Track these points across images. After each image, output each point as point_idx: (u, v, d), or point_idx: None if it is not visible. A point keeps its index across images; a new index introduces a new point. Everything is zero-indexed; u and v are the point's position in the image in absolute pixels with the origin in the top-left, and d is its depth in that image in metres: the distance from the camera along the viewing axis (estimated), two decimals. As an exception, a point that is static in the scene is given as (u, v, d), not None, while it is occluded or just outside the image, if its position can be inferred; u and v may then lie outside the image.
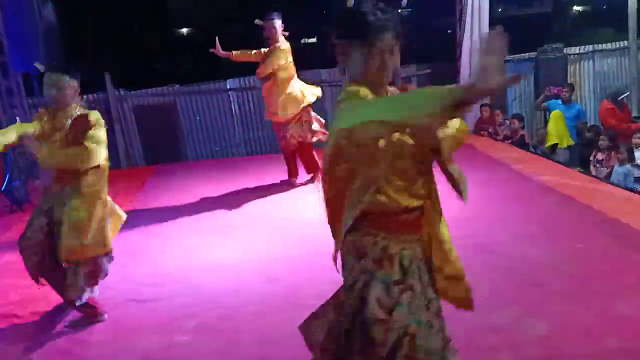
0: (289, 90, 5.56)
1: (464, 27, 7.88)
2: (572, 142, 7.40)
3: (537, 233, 4.14)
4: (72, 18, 10.96)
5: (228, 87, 8.88)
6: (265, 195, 5.71)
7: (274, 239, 4.48)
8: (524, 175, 5.73)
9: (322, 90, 6.11)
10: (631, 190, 5.13)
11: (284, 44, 5.58)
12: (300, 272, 3.82)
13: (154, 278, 3.86)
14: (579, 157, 7.44)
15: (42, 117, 3.11)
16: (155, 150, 8.65)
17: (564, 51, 8.96)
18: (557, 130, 7.38)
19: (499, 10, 14.58)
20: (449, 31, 9.35)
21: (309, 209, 5.15)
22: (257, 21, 5.67)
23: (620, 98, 7.34)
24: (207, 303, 3.46)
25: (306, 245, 4.26)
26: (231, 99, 8.84)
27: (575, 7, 19.69)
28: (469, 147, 7.11)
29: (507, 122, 7.60)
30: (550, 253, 3.75)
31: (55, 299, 3.44)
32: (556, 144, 7.33)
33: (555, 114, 7.43)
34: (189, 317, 3.28)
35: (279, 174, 6.17)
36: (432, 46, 9.69)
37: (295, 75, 5.69)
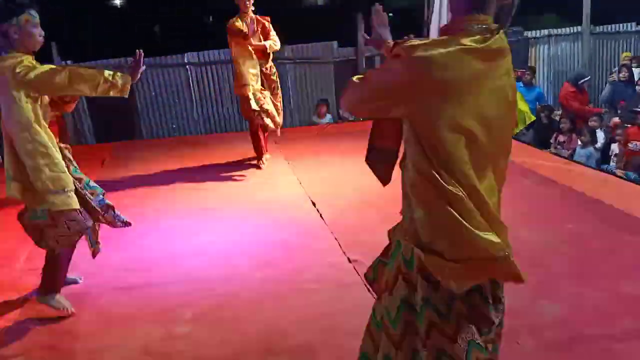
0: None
1: (432, 8, 7.80)
2: (533, 118, 7.50)
3: (527, 214, 4.15)
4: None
5: (186, 61, 8.43)
6: (236, 175, 5.46)
7: (259, 221, 4.27)
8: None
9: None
10: (606, 172, 5.27)
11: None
12: (295, 256, 3.65)
13: (139, 263, 3.57)
14: (538, 139, 7.62)
15: None
16: (107, 127, 8.12)
17: (525, 34, 9.13)
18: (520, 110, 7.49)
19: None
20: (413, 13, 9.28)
21: (287, 189, 4.98)
22: None
23: (581, 82, 7.54)
24: (201, 291, 3.22)
25: (296, 229, 4.09)
26: (189, 74, 8.41)
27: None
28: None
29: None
30: (545, 234, 3.76)
31: (26, 285, 3.10)
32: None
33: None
34: (184, 306, 3.04)
35: (244, 152, 5.95)
36: (397, 27, 9.61)
37: None
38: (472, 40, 1.44)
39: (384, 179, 1.79)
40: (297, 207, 4.53)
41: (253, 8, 5.34)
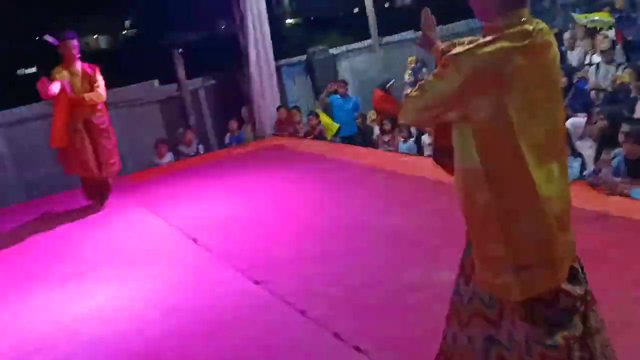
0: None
1: (248, 36, 8.17)
2: (337, 126, 8.22)
3: (390, 205, 4.67)
4: None
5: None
6: (98, 231, 5.10)
7: (146, 272, 4.06)
8: (343, 161, 6.31)
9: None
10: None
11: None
12: (199, 294, 3.59)
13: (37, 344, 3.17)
14: (363, 141, 8.45)
15: None
16: None
17: (330, 52, 10.04)
18: (326, 122, 8.23)
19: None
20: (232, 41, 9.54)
21: (158, 233, 4.84)
22: (48, 37, 5.06)
23: (387, 86, 8.55)
24: (120, 351, 3.01)
25: (186, 269, 4.03)
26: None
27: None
28: (282, 148, 7.49)
29: (305, 119, 8.19)
30: (414, 219, 4.27)
31: None
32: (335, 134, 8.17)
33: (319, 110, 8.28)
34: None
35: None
36: (215, 57, 9.80)
37: None
38: (513, 39, 1.53)
39: (452, 171, 1.83)
40: (178, 248, 4.43)
41: (79, 56, 5.11)
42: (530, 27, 1.57)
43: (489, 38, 1.57)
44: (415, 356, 2.62)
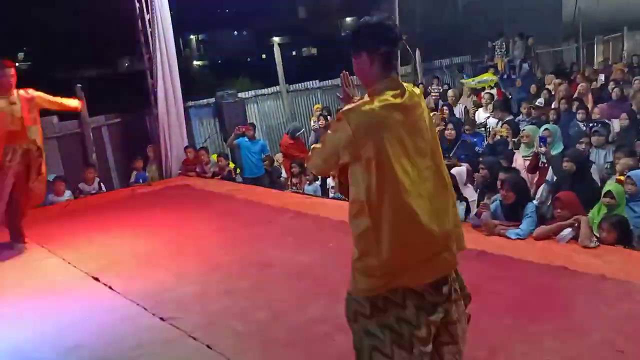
0: None
1: (156, 75, 8.21)
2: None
3: (296, 242, 4.89)
4: None
5: None
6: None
7: (46, 313, 3.89)
8: (252, 201, 6.48)
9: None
10: (335, 199, 6.44)
11: None
12: (105, 332, 3.53)
13: None
14: (270, 183, 8.68)
15: None
16: None
17: (239, 95, 10.30)
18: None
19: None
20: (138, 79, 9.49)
21: (60, 273, 4.67)
22: None
23: (297, 134, 8.92)
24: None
25: (90, 307, 3.93)
26: None
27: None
28: (188, 188, 7.50)
29: (213, 160, 8.29)
30: (318, 256, 4.50)
31: None
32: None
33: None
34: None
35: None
36: (122, 96, 9.67)
37: None
38: (390, 97, 2.01)
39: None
40: (78, 287, 4.30)
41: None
42: (398, 91, 2.05)
43: (368, 99, 2.05)
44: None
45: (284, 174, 8.88)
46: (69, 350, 3.33)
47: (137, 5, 7.99)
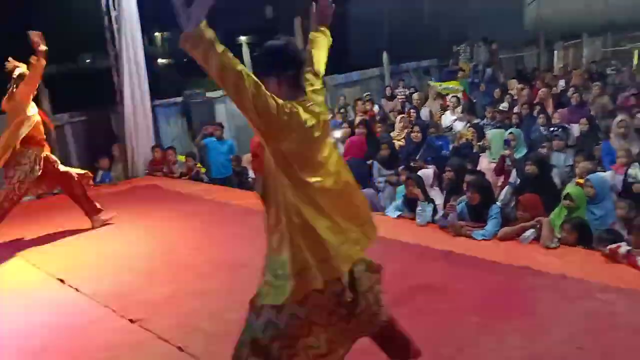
0: None
1: (123, 73, 8.07)
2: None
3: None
4: None
5: None
6: None
7: (6, 313, 3.81)
8: (220, 202, 6.44)
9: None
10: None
11: None
12: (73, 334, 3.48)
13: None
14: (238, 183, 8.64)
15: None
16: None
17: (207, 95, 10.20)
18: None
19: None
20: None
21: (22, 274, 4.56)
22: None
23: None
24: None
25: (57, 309, 3.86)
26: None
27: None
28: (156, 188, 7.41)
29: (180, 161, 8.20)
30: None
31: None
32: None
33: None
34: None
35: None
36: (86, 93, 9.44)
37: None
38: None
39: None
40: (42, 288, 4.21)
41: None
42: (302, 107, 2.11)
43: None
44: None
45: (251, 175, 8.85)
46: (36, 352, 3.26)
47: (104, 1, 7.84)
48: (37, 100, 8.21)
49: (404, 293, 3.70)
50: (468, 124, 7.21)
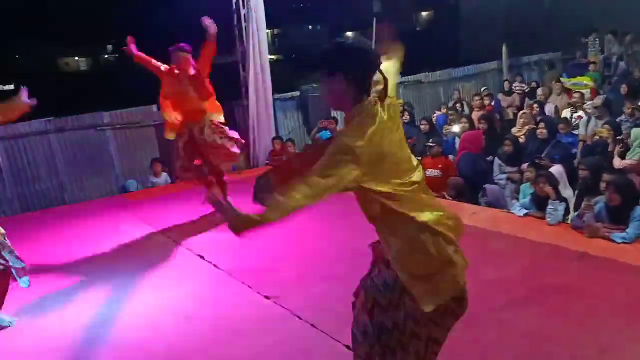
0: None
1: (249, 68, 8.54)
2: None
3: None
4: None
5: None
6: (95, 244, 5.23)
7: (159, 286, 4.23)
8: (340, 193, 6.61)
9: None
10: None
11: None
12: (214, 304, 3.80)
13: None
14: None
15: None
16: None
17: (323, 90, 10.48)
18: None
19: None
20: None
21: (166, 251, 5.01)
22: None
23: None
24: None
25: (199, 282, 4.22)
26: (-3, 150, 7.59)
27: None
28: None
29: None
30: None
31: None
32: None
33: None
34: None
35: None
36: (214, 87, 10.08)
37: None
38: (370, 122, 1.92)
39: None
40: (186, 264, 4.62)
41: None
42: (376, 110, 1.96)
43: (358, 128, 1.93)
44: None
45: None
46: (183, 318, 3.61)
47: (235, 1, 8.35)
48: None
49: (536, 292, 3.61)
50: (603, 122, 6.73)
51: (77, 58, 39.41)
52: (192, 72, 5.43)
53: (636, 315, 3.22)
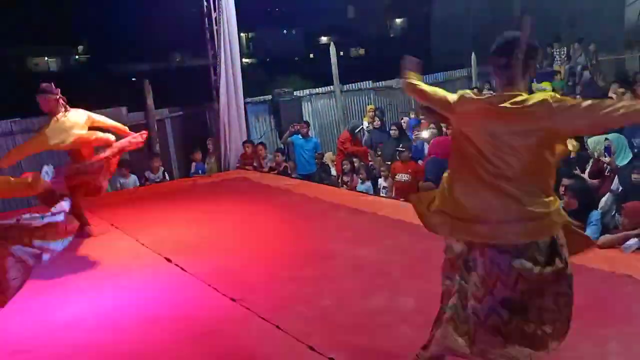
0: None
1: (220, 71, 8.53)
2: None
3: (354, 237, 5.03)
4: None
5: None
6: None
7: (120, 288, 4.19)
8: (307, 196, 6.66)
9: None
10: (395, 198, 6.55)
11: None
12: (178, 305, 3.79)
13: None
14: (319, 180, 8.81)
15: None
16: None
17: (295, 94, 10.53)
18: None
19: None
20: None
21: (132, 252, 4.98)
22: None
23: (357, 131, 9.05)
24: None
25: (162, 285, 4.22)
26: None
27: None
28: (246, 180, 7.77)
29: (270, 155, 8.54)
30: (377, 251, 4.62)
31: None
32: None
33: None
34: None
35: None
36: (183, 89, 10.06)
37: None
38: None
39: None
40: (152, 266, 4.59)
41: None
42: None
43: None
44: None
45: (333, 172, 9.03)
46: (148, 320, 3.59)
47: (205, 3, 8.33)
48: (141, 96, 8.92)
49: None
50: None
51: (46, 58, 38.65)
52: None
53: (590, 317, 3.30)
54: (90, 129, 5.29)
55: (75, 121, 5.14)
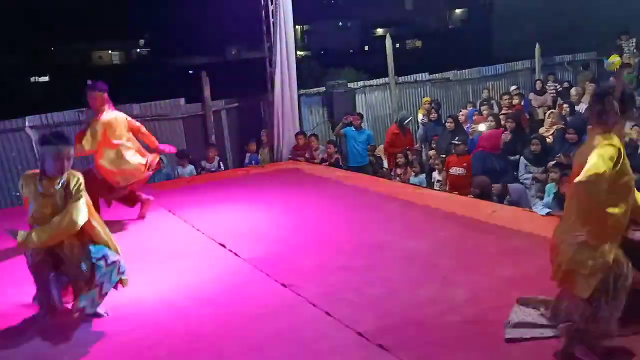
0: None
1: (275, 64, 8.65)
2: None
3: (406, 229, 5.01)
4: None
5: (27, 125, 7.92)
6: (121, 230, 5.40)
7: (177, 271, 4.35)
8: (359, 187, 6.68)
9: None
10: (449, 192, 6.46)
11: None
12: (232, 291, 3.91)
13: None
14: (373, 173, 8.79)
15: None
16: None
17: (349, 86, 10.54)
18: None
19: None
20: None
21: (188, 238, 5.16)
22: None
23: (405, 122, 8.96)
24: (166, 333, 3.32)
25: (218, 270, 4.35)
26: (32, 138, 7.88)
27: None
28: (298, 171, 7.86)
29: (323, 147, 8.60)
30: (428, 244, 4.59)
31: None
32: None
33: None
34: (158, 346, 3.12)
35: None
36: (239, 82, 10.29)
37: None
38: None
39: None
40: (208, 251, 4.75)
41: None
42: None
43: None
44: (434, 357, 2.93)
45: (385, 165, 8.98)
46: (204, 302, 3.73)
47: (263, -3, 8.47)
48: (199, 88, 9.20)
49: (551, 291, 3.59)
50: (633, 124, 6.60)
51: (110, 52, 40.44)
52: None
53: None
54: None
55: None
